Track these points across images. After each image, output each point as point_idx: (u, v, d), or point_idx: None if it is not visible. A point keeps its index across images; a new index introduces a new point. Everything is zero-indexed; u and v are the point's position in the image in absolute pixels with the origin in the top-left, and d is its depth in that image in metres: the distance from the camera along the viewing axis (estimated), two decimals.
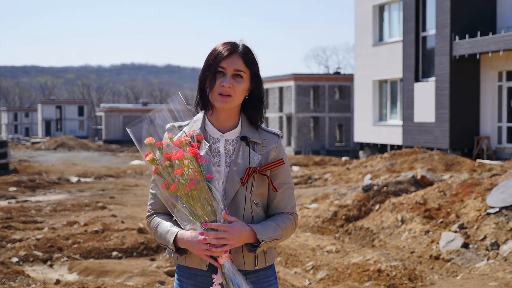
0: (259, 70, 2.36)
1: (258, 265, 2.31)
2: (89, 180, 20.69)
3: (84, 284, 6.37)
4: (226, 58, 2.29)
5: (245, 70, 2.30)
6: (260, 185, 2.32)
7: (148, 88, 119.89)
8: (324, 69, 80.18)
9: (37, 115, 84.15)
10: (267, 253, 2.35)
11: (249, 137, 2.33)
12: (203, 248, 2.17)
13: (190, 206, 2.18)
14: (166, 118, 2.33)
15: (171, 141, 2.22)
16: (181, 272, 2.37)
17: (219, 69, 2.29)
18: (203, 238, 2.17)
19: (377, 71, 25.34)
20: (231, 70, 2.28)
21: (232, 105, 2.30)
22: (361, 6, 26.34)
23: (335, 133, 43.63)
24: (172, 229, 2.28)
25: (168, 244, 2.27)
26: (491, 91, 20.39)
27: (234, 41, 2.34)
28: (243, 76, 2.30)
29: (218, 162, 2.31)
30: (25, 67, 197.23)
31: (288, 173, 2.39)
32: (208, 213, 2.18)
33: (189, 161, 2.14)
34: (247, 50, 2.33)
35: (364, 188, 10.57)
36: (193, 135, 2.22)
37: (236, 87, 2.28)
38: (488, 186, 8.63)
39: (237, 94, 2.29)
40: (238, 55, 2.30)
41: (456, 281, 6.34)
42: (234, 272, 2.21)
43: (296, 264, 7.61)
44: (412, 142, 22.17)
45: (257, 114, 2.37)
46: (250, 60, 2.32)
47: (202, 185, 2.16)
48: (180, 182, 2.15)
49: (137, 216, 11.22)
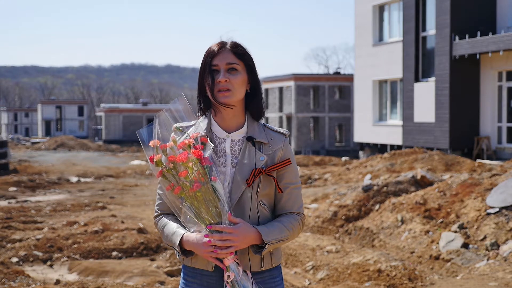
0: (252, 61, 2.35)
1: (264, 266, 2.31)
2: (89, 180, 20.69)
3: (84, 284, 6.37)
4: (216, 55, 2.30)
5: (237, 62, 2.30)
6: (266, 185, 2.31)
7: (148, 88, 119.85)
8: (324, 69, 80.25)
9: (37, 115, 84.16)
10: (273, 254, 2.34)
11: (255, 137, 2.33)
12: (209, 250, 2.17)
13: (195, 208, 2.17)
14: (171, 120, 2.33)
15: (175, 144, 2.22)
16: (186, 271, 2.37)
17: (212, 68, 2.29)
18: (208, 240, 2.17)
19: (377, 71, 25.34)
20: (223, 64, 2.28)
21: (234, 98, 2.29)
22: (361, 6, 26.34)
23: (335, 133, 43.63)
24: (178, 230, 2.28)
25: (174, 245, 2.27)
26: (491, 91, 20.39)
27: (223, 40, 2.35)
28: (238, 68, 2.30)
29: (224, 162, 2.30)
30: (25, 67, 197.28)
31: (295, 173, 2.38)
32: (213, 214, 2.17)
33: (194, 163, 2.14)
34: (236, 44, 2.33)
35: (364, 188, 10.57)
36: (197, 137, 2.22)
37: (233, 80, 2.28)
38: (488, 186, 8.63)
39: (236, 87, 2.28)
40: (227, 50, 2.31)
41: (456, 281, 6.34)
42: (240, 274, 2.21)
43: (296, 264, 7.61)
44: (412, 142, 22.17)
45: (258, 107, 2.37)
46: (240, 52, 2.32)
47: (206, 187, 2.15)
48: (184, 184, 2.15)
49: (137, 216, 11.21)
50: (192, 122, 2.36)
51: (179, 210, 2.24)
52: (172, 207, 2.26)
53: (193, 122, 2.36)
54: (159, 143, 2.21)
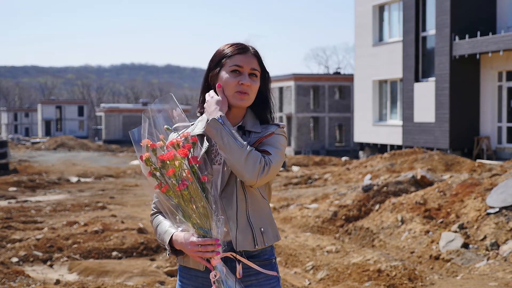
0: (267, 70, 2.37)
1: (258, 245, 2.28)
2: (89, 180, 20.69)
3: (84, 284, 6.37)
4: (241, 56, 2.29)
5: (259, 69, 2.32)
6: None
7: (148, 88, 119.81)
8: (324, 69, 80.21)
9: (37, 115, 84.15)
10: (264, 232, 2.31)
11: (246, 127, 2.31)
12: (195, 249, 2.18)
13: (182, 207, 2.18)
14: (165, 120, 2.33)
15: (164, 143, 2.23)
16: (182, 273, 2.39)
17: (234, 68, 2.28)
18: (195, 241, 2.18)
19: (377, 71, 25.34)
20: (248, 68, 2.29)
21: (248, 103, 2.30)
22: (361, 6, 26.33)
23: (335, 133, 43.63)
24: (169, 229, 2.29)
25: (165, 244, 2.29)
26: (491, 91, 20.39)
27: (242, 42, 2.35)
28: (258, 75, 2.32)
29: (219, 160, 2.30)
30: (25, 67, 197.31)
31: (277, 143, 2.28)
32: (200, 214, 2.18)
33: (180, 162, 2.14)
34: (257, 51, 2.35)
35: (364, 188, 10.57)
36: (187, 136, 2.22)
37: (253, 86, 2.29)
38: (488, 186, 8.63)
39: (253, 93, 2.30)
40: (252, 55, 2.31)
41: (456, 281, 6.34)
42: (226, 274, 2.21)
43: (296, 264, 7.61)
44: (412, 142, 22.17)
45: (265, 113, 2.37)
46: (261, 59, 2.34)
47: (194, 186, 2.15)
48: (171, 183, 2.16)
49: (137, 216, 11.21)
50: (189, 122, 2.37)
51: (168, 209, 2.24)
52: (161, 206, 2.26)
53: (191, 122, 2.37)
54: (149, 142, 2.21)
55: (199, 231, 2.19)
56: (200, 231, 2.19)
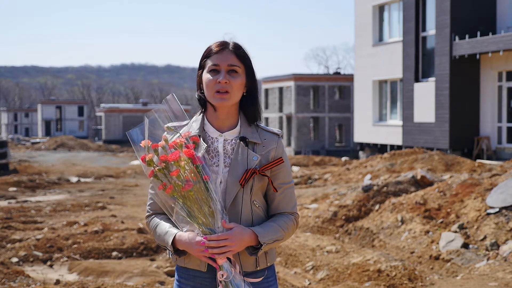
0: (252, 64, 2.33)
1: (259, 266, 2.31)
2: (89, 180, 20.69)
3: (84, 284, 6.37)
4: (218, 55, 2.28)
5: (239, 64, 2.28)
6: (260, 186, 2.31)
7: (148, 88, 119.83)
8: (324, 69, 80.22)
9: (37, 115, 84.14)
10: (268, 254, 2.34)
11: (248, 138, 2.31)
12: (201, 249, 2.17)
13: (187, 207, 2.17)
14: (161, 120, 2.32)
15: (166, 143, 2.22)
16: (180, 273, 2.37)
17: (212, 67, 2.27)
18: (202, 242, 2.17)
19: (377, 71, 25.34)
20: (225, 65, 2.26)
21: (231, 102, 2.28)
22: (361, 6, 26.34)
23: (335, 133, 43.63)
24: (170, 230, 2.27)
25: (166, 245, 2.27)
26: (491, 91, 20.39)
27: (225, 40, 2.33)
28: (238, 71, 2.28)
29: (216, 162, 2.29)
30: (25, 67, 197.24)
31: (288, 173, 2.37)
32: (205, 214, 2.17)
33: (185, 162, 2.14)
34: (238, 45, 2.32)
35: (364, 188, 10.57)
36: (188, 136, 2.21)
37: (232, 83, 2.26)
38: (488, 186, 8.63)
39: (235, 90, 2.27)
40: (229, 51, 2.29)
41: (456, 281, 6.34)
42: (233, 273, 2.21)
43: (296, 264, 7.61)
44: (412, 142, 22.17)
45: (255, 111, 2.36)
46: (242, 54, 2.30)
47: (198, 186, 2.15)
48: (176, 184, 2.15)
49: (137, 216, 11.22)
50: (184, 122, 2.35)
51: (171, 210, 2.24)
52: (164, 207, 2.25)
53: (185, 122, 2.35)
54: (150, 143, 2.20)
55: (205, 231, 2.18)
56: (206, 231, 2.18)
